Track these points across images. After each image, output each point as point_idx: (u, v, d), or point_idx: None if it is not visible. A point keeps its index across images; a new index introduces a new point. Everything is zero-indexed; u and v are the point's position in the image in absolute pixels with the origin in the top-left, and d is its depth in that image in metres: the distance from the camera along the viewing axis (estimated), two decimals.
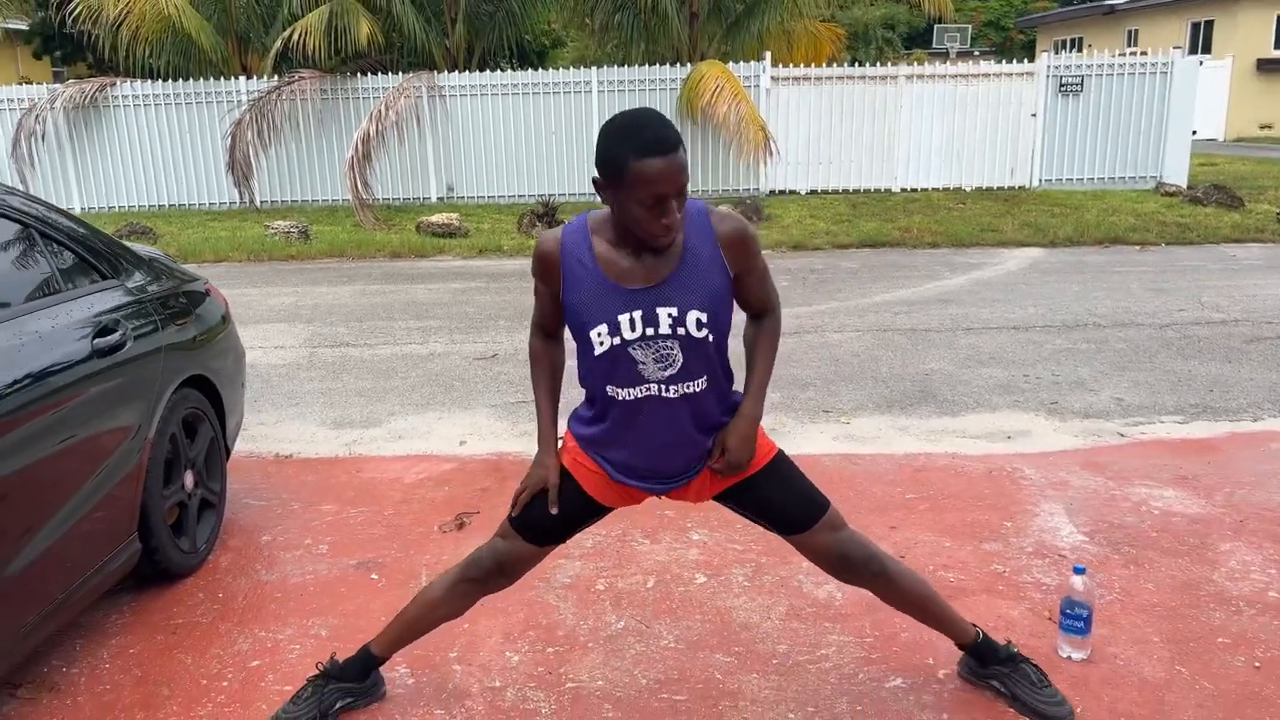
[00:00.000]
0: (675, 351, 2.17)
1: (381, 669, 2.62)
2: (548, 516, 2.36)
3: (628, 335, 2.15)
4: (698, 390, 2.23)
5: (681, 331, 2.15)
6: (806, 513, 2.38)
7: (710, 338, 2.18)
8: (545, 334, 2.40)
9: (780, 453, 2.43)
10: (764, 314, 2.37)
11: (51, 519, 2.54)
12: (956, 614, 2.56)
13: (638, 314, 2.14)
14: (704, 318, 2.15)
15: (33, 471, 2.47)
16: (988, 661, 2.56)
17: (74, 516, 2.64)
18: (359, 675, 2.54)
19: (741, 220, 2.21)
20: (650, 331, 2.15)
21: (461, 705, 2.58)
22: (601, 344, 2.16)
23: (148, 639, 2.94)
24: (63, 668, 2.79)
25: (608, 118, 2.07)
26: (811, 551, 2.43)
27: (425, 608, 2.49)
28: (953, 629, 2.55)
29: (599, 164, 2.03)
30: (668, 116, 2.32)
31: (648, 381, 2.20)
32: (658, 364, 2.18)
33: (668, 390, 2.20)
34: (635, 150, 1.96)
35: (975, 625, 2.59)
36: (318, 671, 2.54)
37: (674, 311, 2.14)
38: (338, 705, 2.51)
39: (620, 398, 2.22)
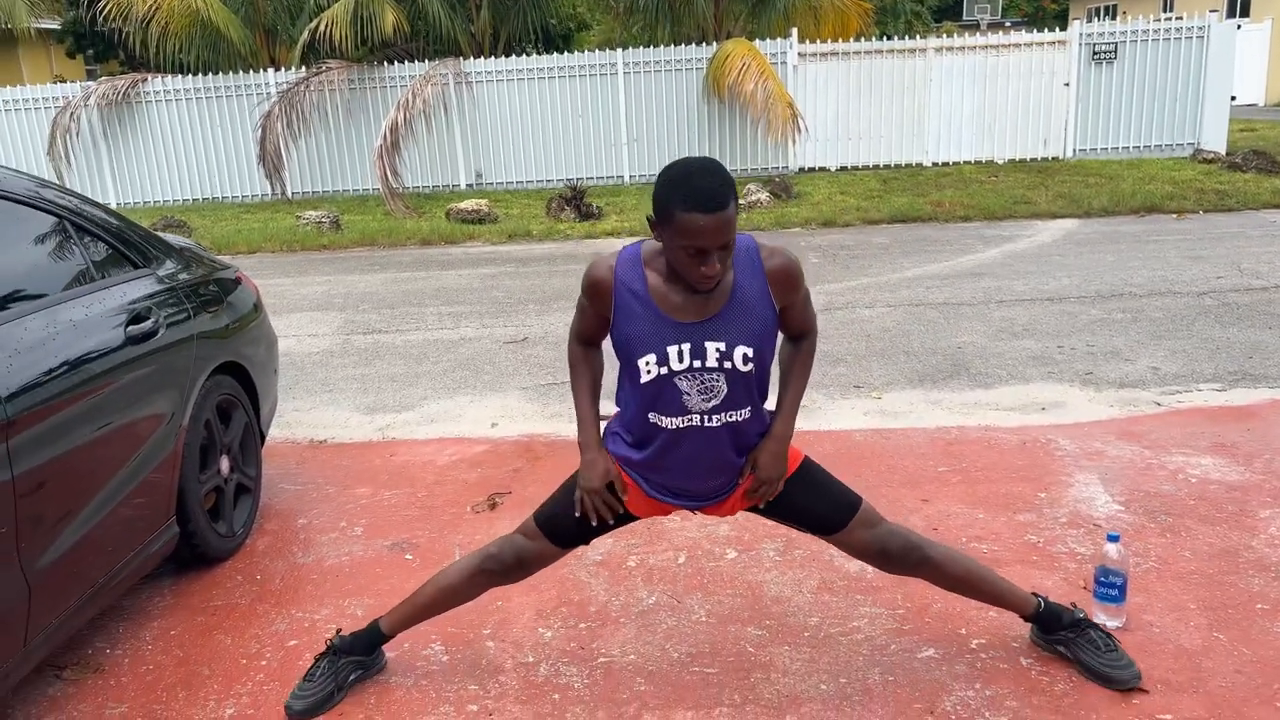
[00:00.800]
0: (720, 383, 2.22)
1: (416, 646, 2.65)
2: (576, 521, 2.42)
3: (675, 366, 2.20)
4: (739, 419, 2.28)
5: (728, 365, 2.20)
6: (839, 514, 2.42)
7: (754, 370, 2.23)
8: (585, 342, 2.43)
9: (807, 459, 2.47)
10: (803, 336, 2.41)
11: (89, 504, 2.59)
12: (1013, 587, 2.56)
13: (686, 346, 2.18)
14: (750, 353, 2.20)
15: (70, 458, 2.51)
16: (1052, 629, 2.55)
17: (112, 502, 2.69)
18: (367, 650, 2.60)
19: (789, 256, 2.23)
20: (697, 364, 2.19)
21: (495, 680, 2.61)
22: (649, 373, 2.21)
23: (188, 621, 3.00)
24: (106, 649, 2.85)
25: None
26: (851, 549, 2.47)
27: (438, 593, 2.54)
28: (1012, 602, 2.55)
29: (653, 203, 2.07)
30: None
31: (690, 412, 2.24)
32: (702, 395, 2.23)
33: (710, 420, 2.25)
34: (682, 202, 1.99)
35: (1037, 594, 2.58)
36: (327, 648, 2.58)
37: (721, 347, 2.18)
38: (351, 678, 2.57)
39: (663, 425, 2.27)
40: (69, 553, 2.49)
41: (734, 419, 2.26)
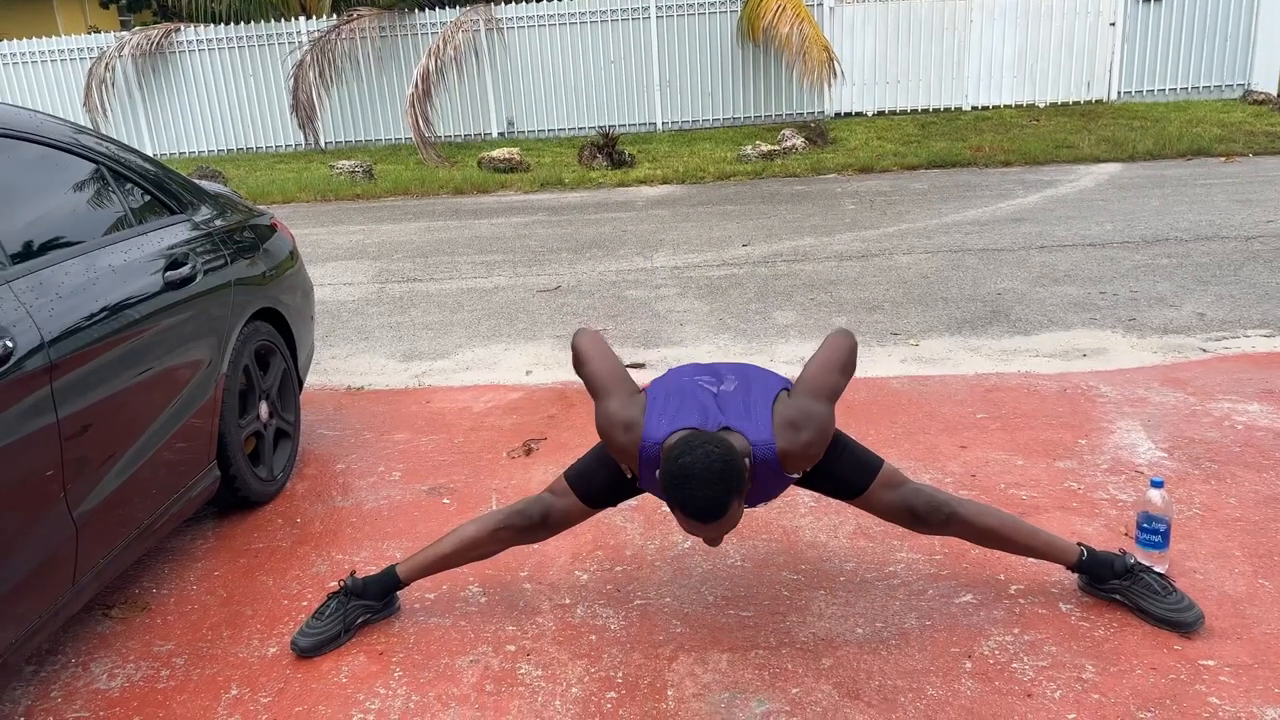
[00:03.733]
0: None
1: (454, 588, 2.67)
2: (609, 480, 2.46)
3: None
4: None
5: (748, 507, 2.37)
6: (860, 476, 2.44)
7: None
8: None
9: None
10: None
11: (132, 448, 2.63)
12: (1052, 537, 2.54)
13: None
14: (772, 499, 2.37)
15: (112, 401, 2.54)
16: (1104, 578, 2.52)
17: (154, 445, 2.72)
18: (379, 594, 2.61)
19: (811, 450, 2.22)
20: None
21: (533, 621, 2.63)
22: None
23: (231, 562, 3.05)
24: (153, 589, 2.91)
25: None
26: (877, 511, 2.49)
27: (460, 545, 2.55)
28: (1052, 553, 2.52)
29: (659, 472, 2.07)
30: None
31: None
32: None
33: None
34: (680, 507, 2.01)
35: (1080, 543, 2.55)
36: (339, 587, 2.60)
37: (746, 506, 2.30)
38: (359, 621, 2.59)
39: None
40: (113, 495, 2.53)
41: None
